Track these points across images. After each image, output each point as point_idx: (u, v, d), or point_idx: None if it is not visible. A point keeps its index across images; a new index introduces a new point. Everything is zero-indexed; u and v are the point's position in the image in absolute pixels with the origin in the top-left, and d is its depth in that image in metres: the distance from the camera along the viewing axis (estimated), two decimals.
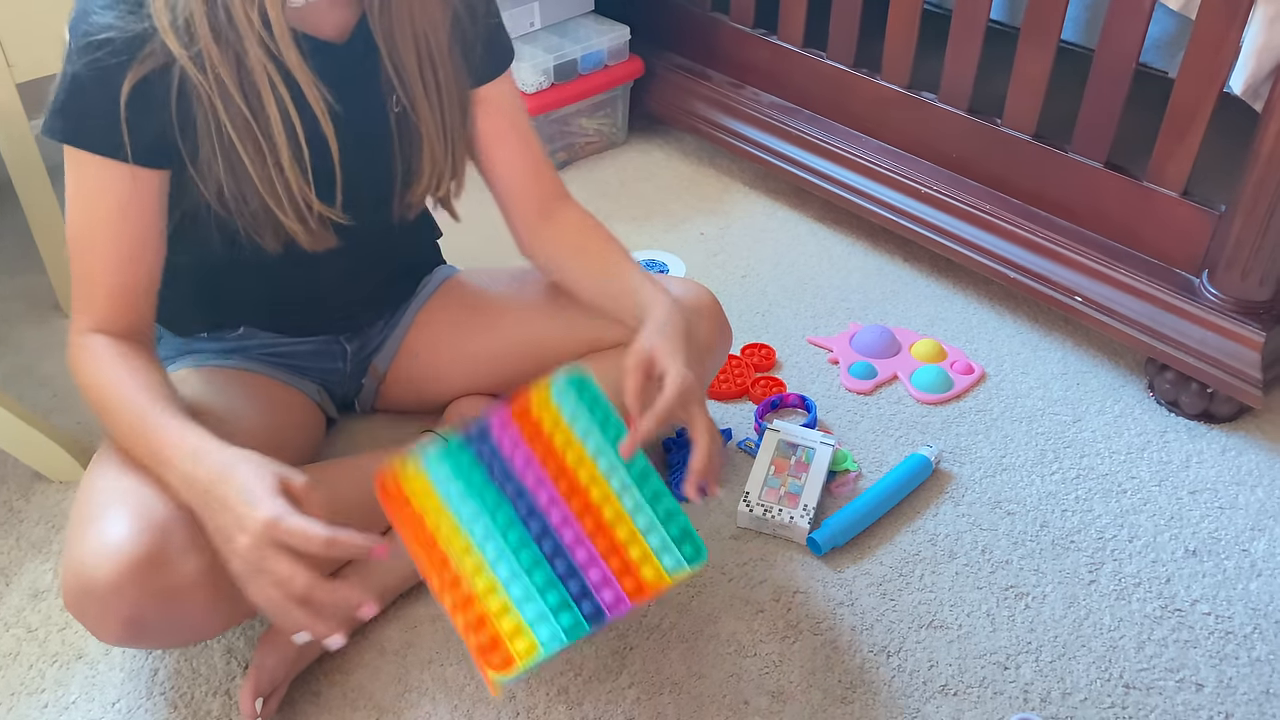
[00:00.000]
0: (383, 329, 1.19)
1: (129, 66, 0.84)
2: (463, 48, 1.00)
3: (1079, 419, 1.29)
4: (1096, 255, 1.32)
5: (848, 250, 1.60)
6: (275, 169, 0.92)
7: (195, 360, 1.09)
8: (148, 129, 0.87)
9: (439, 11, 0.95)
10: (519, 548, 0.86)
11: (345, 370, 1.19)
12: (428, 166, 1.01)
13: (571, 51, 1.71)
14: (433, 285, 1.21)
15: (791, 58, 1.63)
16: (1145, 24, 1.20)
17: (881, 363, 1.36)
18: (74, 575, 0.83)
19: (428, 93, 0.98)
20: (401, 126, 1.00)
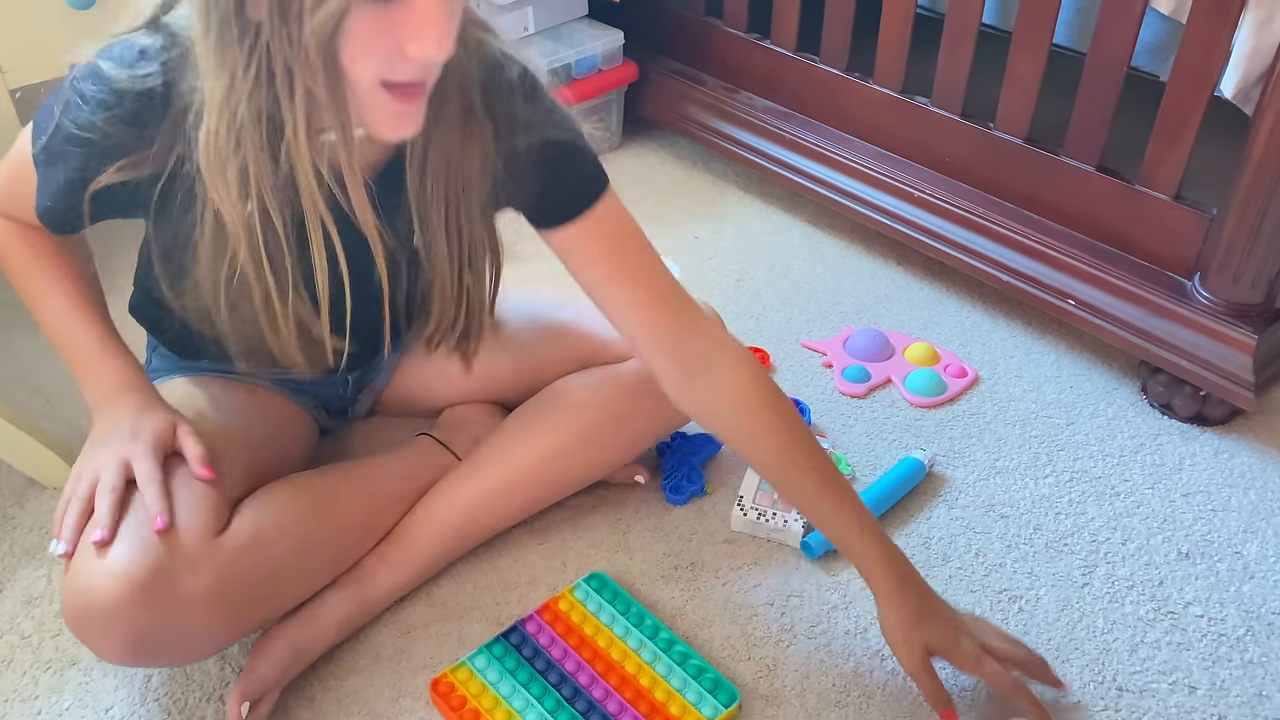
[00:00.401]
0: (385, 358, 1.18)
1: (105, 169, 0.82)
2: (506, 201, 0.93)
3: (1072, 422, 1.29)
4: (1089, 259, 1.33)
5: (841, 254, 1.60)
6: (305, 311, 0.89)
7: (190, 373, 1.08)
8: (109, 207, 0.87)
9: (477, 174, 0.88)
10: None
11: (346, 395, 1.18)
12: (435, 320, 0.99)
13: (565, 56, 1.71)
14: None
15: (785, 62, 1.63)
16: (1136, 28, 1.20)
17: (875, 366, 1.36)
18: (77, 597, 0.83)
19: (449, 246, 0.92)
20: (410, 277, 0.97)
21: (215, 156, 0.78)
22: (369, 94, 0.74)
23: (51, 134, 0.84)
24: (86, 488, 0.87)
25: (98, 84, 0.81)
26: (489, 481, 1.08)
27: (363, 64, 0.72)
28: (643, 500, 1.17)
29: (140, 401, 0.93)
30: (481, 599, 1.06)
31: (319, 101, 0.74)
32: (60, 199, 0.87)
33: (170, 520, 0.85)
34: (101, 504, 0.85)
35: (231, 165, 0.78)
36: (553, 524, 1.14)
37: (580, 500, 1.16)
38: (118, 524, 0.85)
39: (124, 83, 0.80)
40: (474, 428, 1.16)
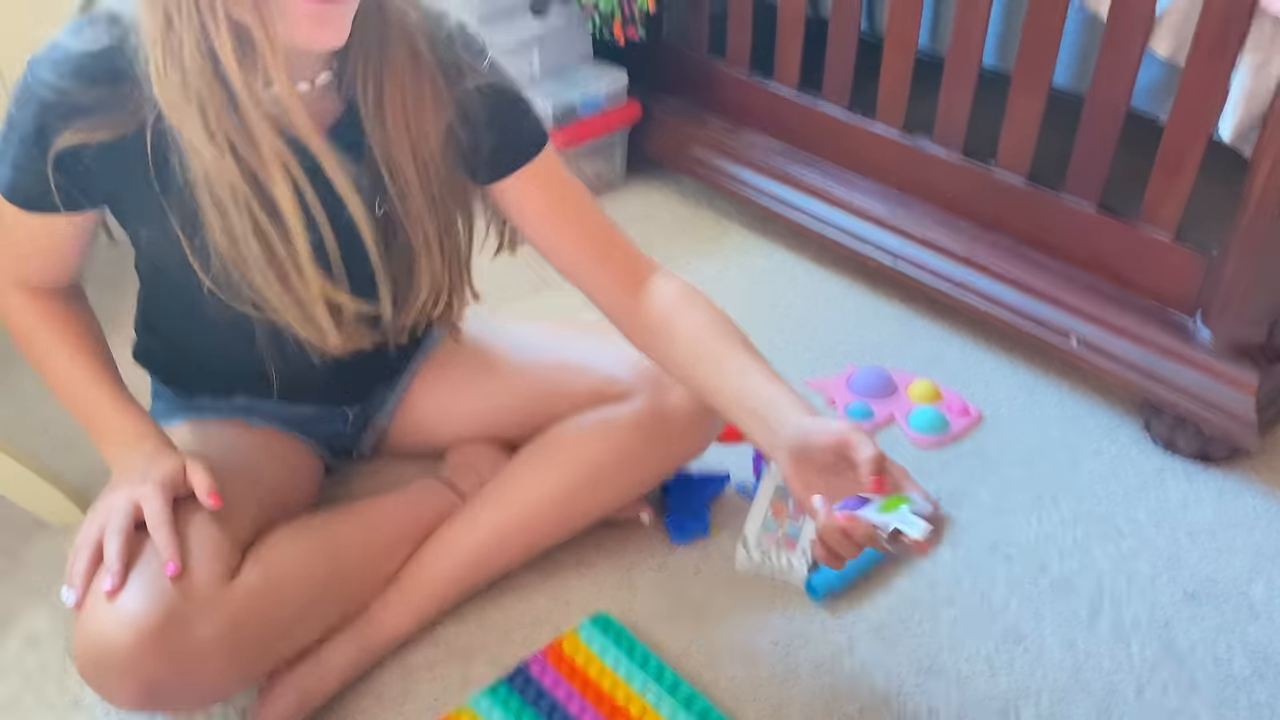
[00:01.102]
0: (385, 388, 1.19)
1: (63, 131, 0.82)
2: (466, 154, 0.95)
3: (1076, 461, 1.29)
4: (1090, 297, 1.33)
5: (844, 292, 1.61)
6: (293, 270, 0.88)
7: (194, 414, 1.08)
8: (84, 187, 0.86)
9: (432, 116, 0.91)
10: None
11: (347, 431, 1.19)
12: (425, 283, 0.98)
13: (570, 96, 1.73)
14: (434, 339, 1.19)
15: (787, 102, 1.65)
16: (1135, 71, 1.22)
17: (878, 404, 1.36)
18: (89, 644, 0.83)
19: (424, 194, 0.93)
20: (386, 233, 0.94)
21: (171, 96, 0.80)
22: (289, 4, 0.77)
23: (8, 113, 0.85)
24: (97, 531, 0.87)
25: (48, 53, 0.83)
26: (494, 523, 1.08)
27: None
28: (647, 539, 1.17)
29: (151, 447, 0.94)
30: (485, 639, 1.06)
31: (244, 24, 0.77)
32: (22, 166, 0.85)
33: (182, 565, 0.86)
34: (110, 548, 0.85)
35: (190, 106, 0.80)
36: (557, 563, 1.14)
37: (584, 538, 1.15)
38: (128, 569, 0.85)
39: (71, 46, 0.82)
40: (481, 469, 1.17)
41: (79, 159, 0.84)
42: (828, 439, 0.82)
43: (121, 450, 0.94)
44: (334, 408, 1.14)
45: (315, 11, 0.79)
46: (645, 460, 1.10)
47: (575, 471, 1.08)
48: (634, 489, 1.13)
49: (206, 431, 1.06)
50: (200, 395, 1.09)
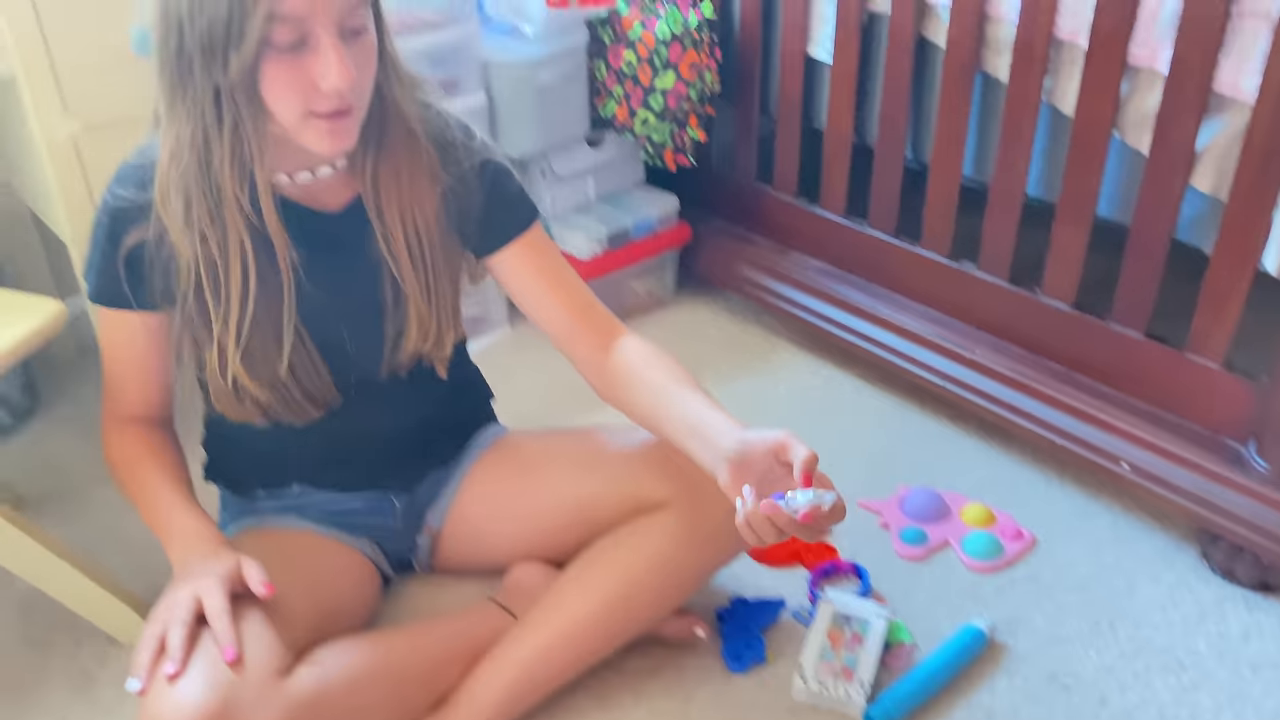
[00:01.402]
0: (432, 485, 1.24)
1: (130, 231, 0.99)
2: (458, 220, 1.09)
3: (1133, 587, 1.29)
4: (1141, 423, 1.34)
5: (894, 411, 1.64)
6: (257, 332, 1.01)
7: (255, 520, 1.17)
8: (150, 282, 1.01)
9: (426, 187, 1.05)
10: None
11: (396, 526, 1.23)
12: (415, 329, 1.09)
13: (624, 221, 1.80)
14: (483, 443, 1.26)
15: (834, 226, 1.70)
16: (1177, 205, 1.25)
17: (932, 528, 1.37)
18: None
19: (414, 261, 1.06)
20: (395, 292, 1.08)
21: (163, 188, 0.95)
22: (301, 121, 0.92)
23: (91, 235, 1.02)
24: (161, 624, 0.94)
25: (118, 174, 1.01)
26: (539, 640, 1.10)
27: (287, 101, 0.90)
28: (703, 666, 1.18)
29: (212, 547, 1.02)
30: None
31: (245, 134, 0.91)
32: (102, 269, 1.02)
33: (239, 653, 0.91)
34: (174, 637, 0.92)
35: (177, 197, 0.95)
36: (612, 689, 1.15)
37: (639, 664, 1.17)
38: (188, 658, 0.91)
39: (135, 161, 1.00)
40: (535, 592, 1.19)
41: (141, 257, 1.00)
42: (766, 443, 0.94)
43: (185, 550, 1.02)
44: (381, 496, 1.20)
45: (329, 126, 0.93)
46: (684, 567, 1.12)
47: (615, 583, 1.10)
48: (675, 597, 1.15)
49: (267, 540, 1.13)
50: (257, 490, 1.18)
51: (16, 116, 1.31)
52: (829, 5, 1.59)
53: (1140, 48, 1.24)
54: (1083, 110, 1.31)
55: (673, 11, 1.68)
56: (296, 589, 1.04)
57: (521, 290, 1.15)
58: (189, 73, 0.89)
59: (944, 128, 1.48)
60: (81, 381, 1.70)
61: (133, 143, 1.27)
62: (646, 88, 1.70)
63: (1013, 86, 1.38)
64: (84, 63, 1.27)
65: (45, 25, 1.22)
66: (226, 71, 0.87)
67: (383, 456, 1.18)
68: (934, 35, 1.49)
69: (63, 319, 1.14)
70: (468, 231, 1.10)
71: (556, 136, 1.71)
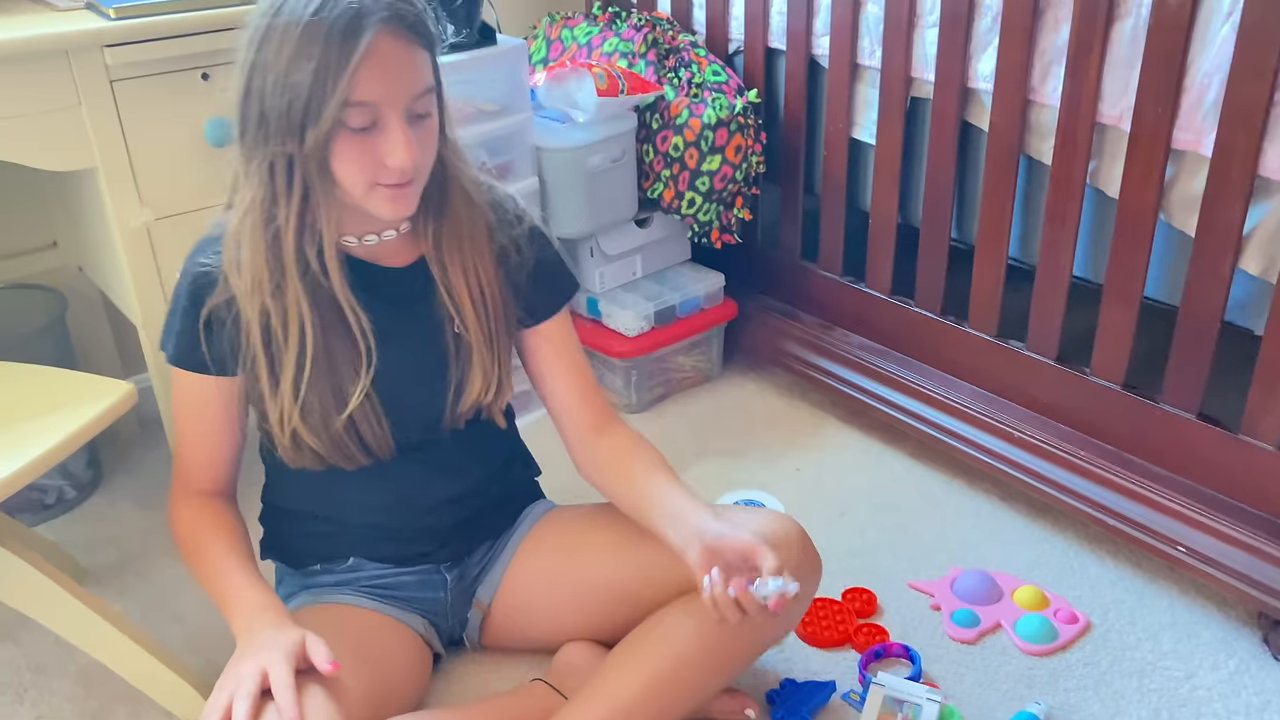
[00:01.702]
0: (482, 559, 1.25)
1: (210, 296, 1.05)
2: (510, 276, 1.15)
3: (1192, 675, 1.26)
4: (1196, 505, 1.33)
5: (944, 489, 1.63)
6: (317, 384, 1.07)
7: (311, 596, 1.19)
8: (224, 345, 1.07)
9: (485, 244, 1.12)
10: None
11: (447, 601, 1.24)
12: (479, 380, 1.14)
13: (670, 298, 1.83)
14: (531, 519, 1.28)
15: (880, 304, 1.71)
16: (1226, 287, 1.25)
17: (984, 610, 1.36)
18: None
19: (478, 314, 1.12)
20: (458, 345, 1.13)
21: (231, 246, 1.03)
22: (368, 191, 1.00)
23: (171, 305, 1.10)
24: (227, 697, 0.95)
25: (199, 245, 1.08)
26: (591, 717, 1.09)
27: (356, 173, 0.98)
28: None
29: (275, 620, 1.04)
30: None
31: (314, 200, 0.99)
32: (182, 333, 1.08)
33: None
34: (239, 710, 0.94)
35: (242, 254, 1.02)
36: None
37: None
38: None
39: (213, 232, 1.07)
40: (584, 672, 1.19)
41: (220, 321, 1.06)
42: (739, 545, 1.01)
43: (250, 622, 1.04)
44: (433, 569, 1.22)
45: (392, 194, 1.01)
46: (731, 646, 1.12)
47: (662, 663, 1.10)
48: (723, 676, 1.14)
49: (327, 616, 1.14)
50: (311, 564, 1.21)
51: (94, 206, 1.38)
52: (873, 90, 1.62)
53: (1184, 132, 1.26)
54: (1127, 194, 1.32)
55: (719, 97, 1.73)
56: (354, 667, 1.05)
57: (538, 362, 1.22)
58: (265, 141, 0.97)
59: (988, 210, 1.50)
60: (143, 456, 1.75)
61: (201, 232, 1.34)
62: (693, 170, 1.74)
63: (1056, 170, 1.39)
64: (158, 157, 1.33)
65: (125, 122, 1.29)
66: (302, 145, 0.96)
67: (436, 527, 1.21)
68: (977, 119, 1.51)
69: (131, 400, 1.18)
70: (514, 298, 1.16)
71: (606, 218, 1.76)
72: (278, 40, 0.94)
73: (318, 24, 0.92)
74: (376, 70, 0.94)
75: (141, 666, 1.20)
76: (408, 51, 0.97)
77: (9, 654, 1.34)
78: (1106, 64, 1.31)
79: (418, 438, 1.16)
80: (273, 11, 0.95)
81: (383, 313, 1.08)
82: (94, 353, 1.74)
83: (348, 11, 0.93)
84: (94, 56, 1.25)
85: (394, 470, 1.16)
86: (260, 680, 0.96)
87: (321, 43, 0.93)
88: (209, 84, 1.33)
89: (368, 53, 0.93)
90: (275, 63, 0.94)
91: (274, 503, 1.24)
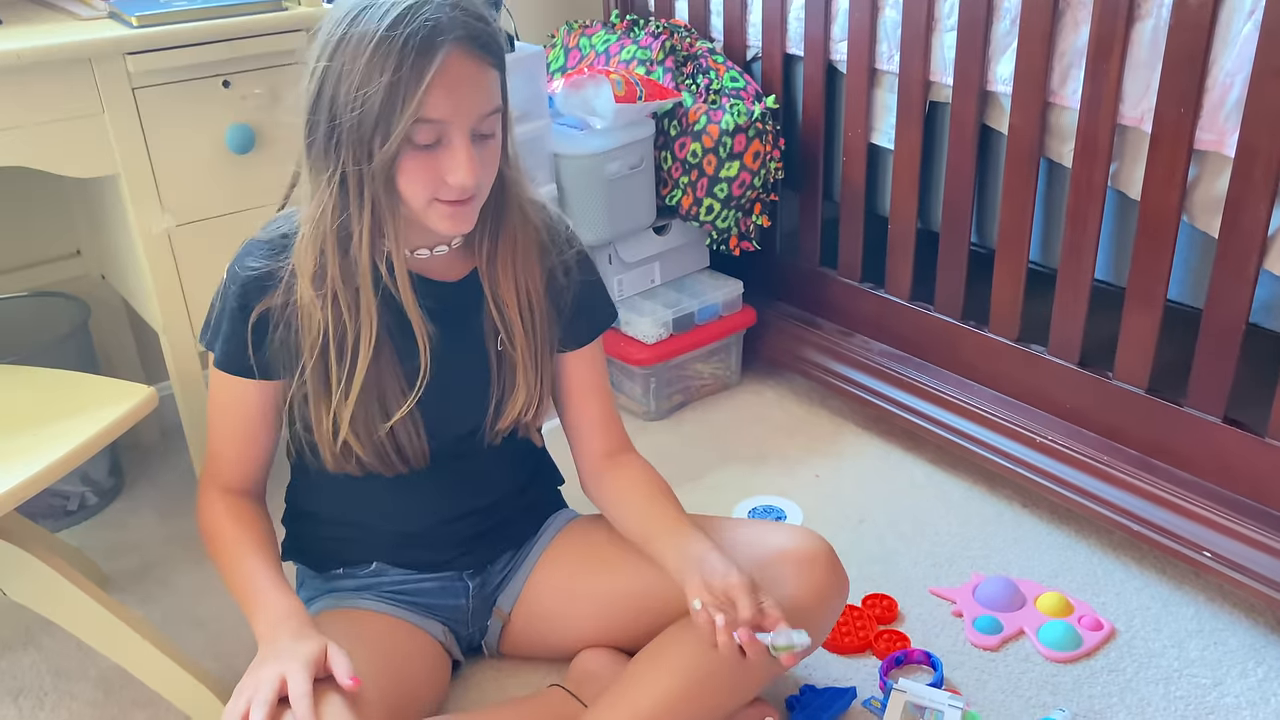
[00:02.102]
0: (504, 568, 1.25)
1: (261, 299, 1.05)
2: (555, 299, 1.15)
3: (1219, 682, 1.24)
4: (1222, 509, 1.31)
5: (965, 495, 1.61)
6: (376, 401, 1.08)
7: (333, 600, 1.19)
8: (271, 349, 1.07)
9: (536, 264, 1.12)
10: None
11: (468, 608, 1.24)
12: (522, 396, 1.14)
13: (689, 305, 1.82)
14: (554, 528, 1.27)
15: (899, 310, 1.70)
16: (1251, 289, 1.24)
17: (1006, 616, 1.34)
18: None
19: (526, 331, 1.12)
20: (501, 361, 1.13)
21: (300, 254, 1.03)
22: (427, 206, 1.00)
23: (217, 303, 1.10)
24: (244, 704, 0.95)
25: (246, 247, 1.09)
26: None
27: (418, 189, 0.98)
28: None
29: (298, 627, 1.03)
30: None
31: (381, 213, 0.99)
32: (230, 338, 1.08)
33: None
34: (256, 717, 0.93)
35: (312, 262, 1.02)
36: None
37: None
38: None
39: (261, 237, 1.08)
40: (603, 679, 1.18)
41: (267, 324, 1.06)
42: (721, 588, 1.02)
43: (272, 628, 1.03)
44: (455, 576, 1.22)
45: (451, 211, 1.01)
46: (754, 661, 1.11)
47: (685, 676, 1.09)
48: (746, 689, 1.13)
49: (348, 622, 1.15)
50: (334, 568, 1.21)
51: (117, 213, 1.39)
52: (891, 94, 1.62)
53: (1206, 133, 1.25)
54: (1149, 196, 1.31)
55: (737, 104, 1.73)
56: (374, 674, 1.05)
57: (564, 386, 1.22)
58: (335, 152, 0.98)
59: (1009, 213, 1.49)
60: (164, 464, 1.75)
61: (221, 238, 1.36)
62: (712, 177, 1.74)
63: (1077, 173, 1.38)
64: (180, 164, 1.34)
65: (147, 129, 1.30)
66: (370, 161, 0.96)
67: (460, 535, 1.21)
68: (996, 123, 1.51)
69: (152, 404, 1.19)
70: (556, 320, 1.16)
71: (624, 225, 1.76)
72: (353, 51, 0.94)
73: (393, 38, 0.92)
74: (447, 89, 0.94)
75: (161, 671, 1.20)
76: (479, 71, 0.97)
77: (30, 658, 1.35)
78: (1127, 65, 1.30)
79: (453, 450, 1.16)
80: (349, 21, 0.95)
81: (433, 325, 1.08)
82: (116, 361, 1.75)
83: (423, 27, 0.92)
84: (116, 64, 1.26)
85: (424, 480, 1.16)
86: (278, 687, 0.95)
87: (396, 57, 0.92)
88: (230, 91, 1.34)
89: (440, 71, 0.93)
90: (349, 73, 0.94)
91: (298, 505, 1.24)
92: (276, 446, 1.18)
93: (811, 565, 1.12)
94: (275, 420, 1.15)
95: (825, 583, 1.13)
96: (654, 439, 1.78)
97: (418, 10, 0.93)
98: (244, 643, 1.33)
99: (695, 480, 1.66)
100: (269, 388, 1.11)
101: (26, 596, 1.15)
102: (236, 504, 1.15)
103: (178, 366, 1.42)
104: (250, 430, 1.14)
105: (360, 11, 0.94)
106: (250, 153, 1.37)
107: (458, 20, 0.94)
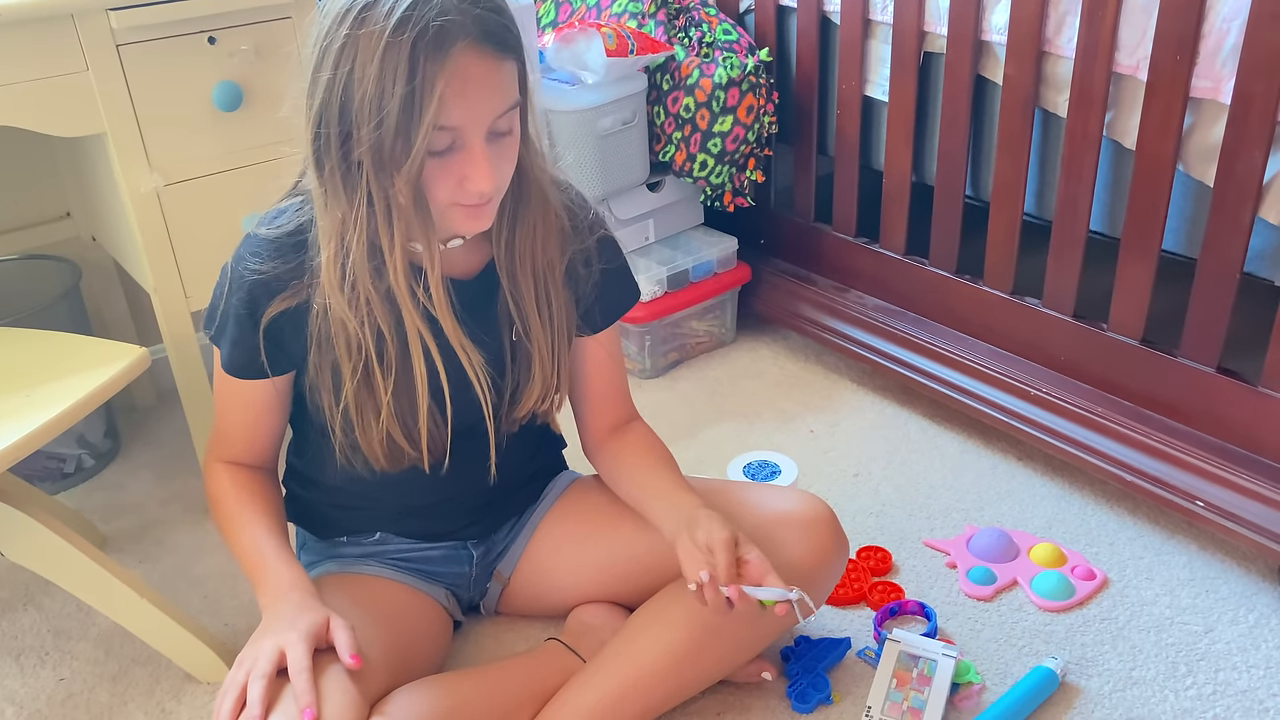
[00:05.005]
0: (508, 534, 1.25)
1: (270, 303, 1.02)
2: (575, 288, 1.12)
3: (1210, 629, 1.25)
4: (1215, 459, 1.32)
5: (959, 448, 1.62)
6: (409, 406, 1.06)
7: (337, 565, 1.19)
8: (284, 349, 1.05)
9: (556, 252, 1.09)
10: None
11: (471, 574, 1.24)
12: (538, 386, 1.12)
13: (683, 262, 1.82)
14: (556, 491, 1.27)
15: (894, 264, 1.70)
16: (1246, 237, 1.23)
17: (1000, 567, 1.35)
18: None
19: (543, 322, 1.09)
20: (516, 352, 1.11)
21: (332, 276, 0.98)
22: (447, 209, 0.97)
23: (221, 301, 1.05)
24: (244, 675, 0.95)
25: (249, 244, 1.04)
26: (610, 685, 1.09)
27: (436, 194, 0.95)
28: (768, 708, 1.17)
29: (301, 598, 1.02)
30: None
31: (411, 224, 0.96)
32: (239, 341, 1.05)
33: (316, 714, 0.92)
34: (254, 690, 0.93)
35: (345, 283, 0.98)
36: None
37: (704, 705, 1.16)
38: (267, 713, 0.92)
39: (268, 234, 1.03)
40: (601, 632, 1.19)
41: (279, 326, 1.04)
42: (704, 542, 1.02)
43: (276, 598, 1.03)
44: (459, 545, 1.22)
45: (471, 211, 0.98)
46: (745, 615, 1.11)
47: (689, 631, 1.09)
48: (748, 648, 1.14)
49: (351, 588, 1.14)
50: (337, 535, 1.20)
51: (105, 173, 1.38)
52: (885, 46, 1.60)
53: (1202, 80, 1.24)
54: (1145, 144, 1.30)
55: (730, 57, 1.71)
56: (377, 640, 1.05)
57: (582, 362, 1.20)
58: (357, 173, 0.93)
59: (1004, 165, 1.48)
60: (160, 426, 1.76)
61: (211, 197, 1.34)
62: (705, 132, 1.73)
63: (1072, 122, 1.37)
64: (167, 122, 1.33)
65: (132, 87, 1.29)
66: (392, 176, 0.92)
67: (467, 508, 1.20)
68: (991, 73, 1.49)
69: (144, 364, 1.18)
70: (576, 307, 1.14)
71: (617, 182, 1.75)
72: (360, 59, 0.88)
73: (401, 43, 0.87)
74: (460, 94, 0.89)
75: (160, 628, 1.21)
76: (495, 69, 0.92)
77: (31, 618, 1.36)
78: (1123, 12, 1.28)
79: (467, 435, 1.12)
80: (352, 21, 0.89)
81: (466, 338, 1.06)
82: (109, 323, 1.75)
83: (432, 28, 0.87)
84: (99, 20, 1.24)
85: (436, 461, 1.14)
86: (277, 660, 0.95)
87: (407, 64, 0.87)
88: (216, 48, 1.33)
89: (453, 76, 0.88)
90: (360, 82, 0.89)
91: (299, 469, 1.21)
92: (287, 424, 1.16)
93: (813, 528, 1.12)
94: (287, 404, 1.13)
95: (826, 545, 1.13)
96: (650, 396, 1.79)
97: (425, 7, 0.87)
98: (241, 600, 1.35)
99: (691, 437, 1.66)
100: (280, 380, 1.09)
101: (26, 557, 1.15)
102: (245, 473, 1.14)
103: (170, 328, 1.41)
104: (257, 421, 1.13)
105: (361, 11, 0.89)
106: (238, 110, 1.36)
107: (468, 15, 0.89)
